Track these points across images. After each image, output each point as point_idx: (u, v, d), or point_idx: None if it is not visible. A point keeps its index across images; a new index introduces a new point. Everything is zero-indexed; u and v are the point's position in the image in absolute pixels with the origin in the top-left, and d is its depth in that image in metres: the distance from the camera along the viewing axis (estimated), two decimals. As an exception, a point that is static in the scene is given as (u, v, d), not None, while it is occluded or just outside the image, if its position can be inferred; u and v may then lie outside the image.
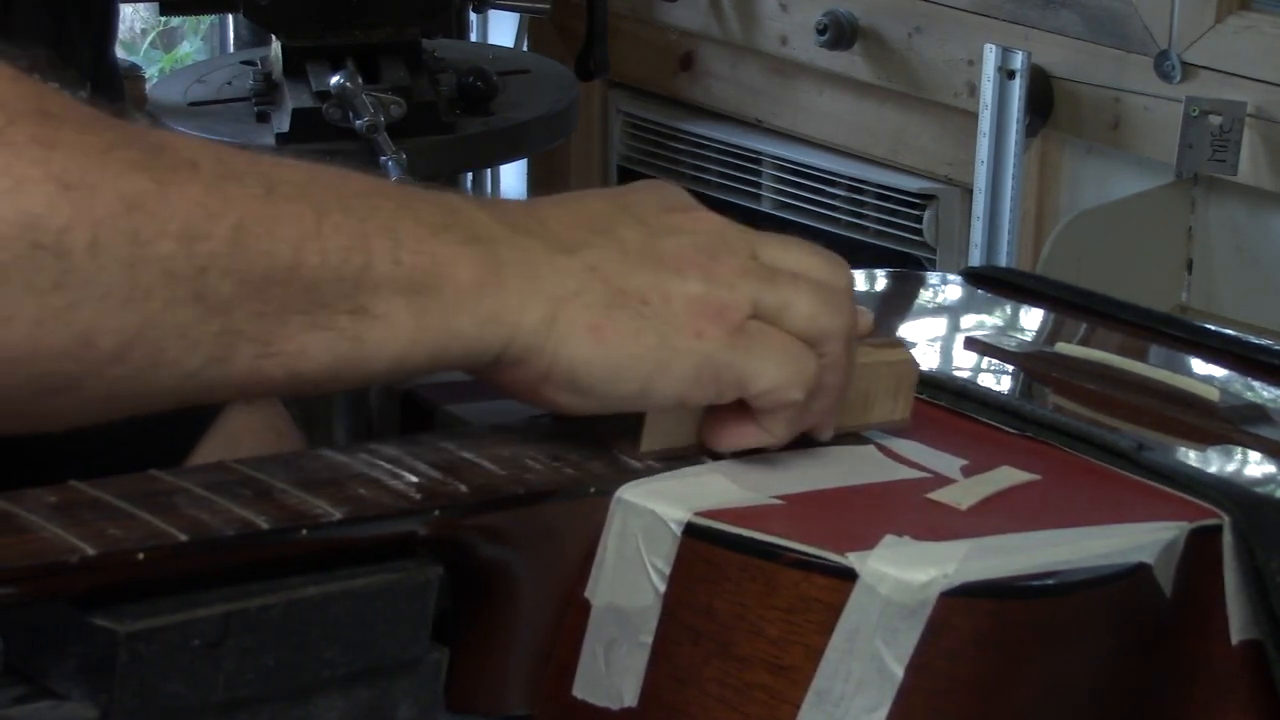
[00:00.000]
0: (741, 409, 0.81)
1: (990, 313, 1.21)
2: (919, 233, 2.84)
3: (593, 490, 0.80)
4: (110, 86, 1.12)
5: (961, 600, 0.76)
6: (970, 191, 2.63)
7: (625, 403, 0.79)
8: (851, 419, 0.87)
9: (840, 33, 2.82)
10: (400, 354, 0.75)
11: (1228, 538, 0.85)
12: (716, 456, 0.83)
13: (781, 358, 0.80)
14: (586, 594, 0.80)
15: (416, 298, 0.75)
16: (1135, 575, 0.81)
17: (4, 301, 0.67)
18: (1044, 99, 2.63)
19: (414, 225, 0.76)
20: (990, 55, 2.56)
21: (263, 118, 2.44)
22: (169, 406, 0.73)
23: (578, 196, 0.84)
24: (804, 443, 0.85)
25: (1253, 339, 1.14)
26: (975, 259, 2.59)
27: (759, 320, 0.80)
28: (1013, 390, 1.07)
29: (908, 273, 1.69)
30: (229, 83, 2.57)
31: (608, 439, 0.82)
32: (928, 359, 1.10)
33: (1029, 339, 1.17)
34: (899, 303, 1.26)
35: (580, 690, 0.80)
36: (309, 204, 0.73)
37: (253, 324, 0.72)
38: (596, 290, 0.78)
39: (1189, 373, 1.10)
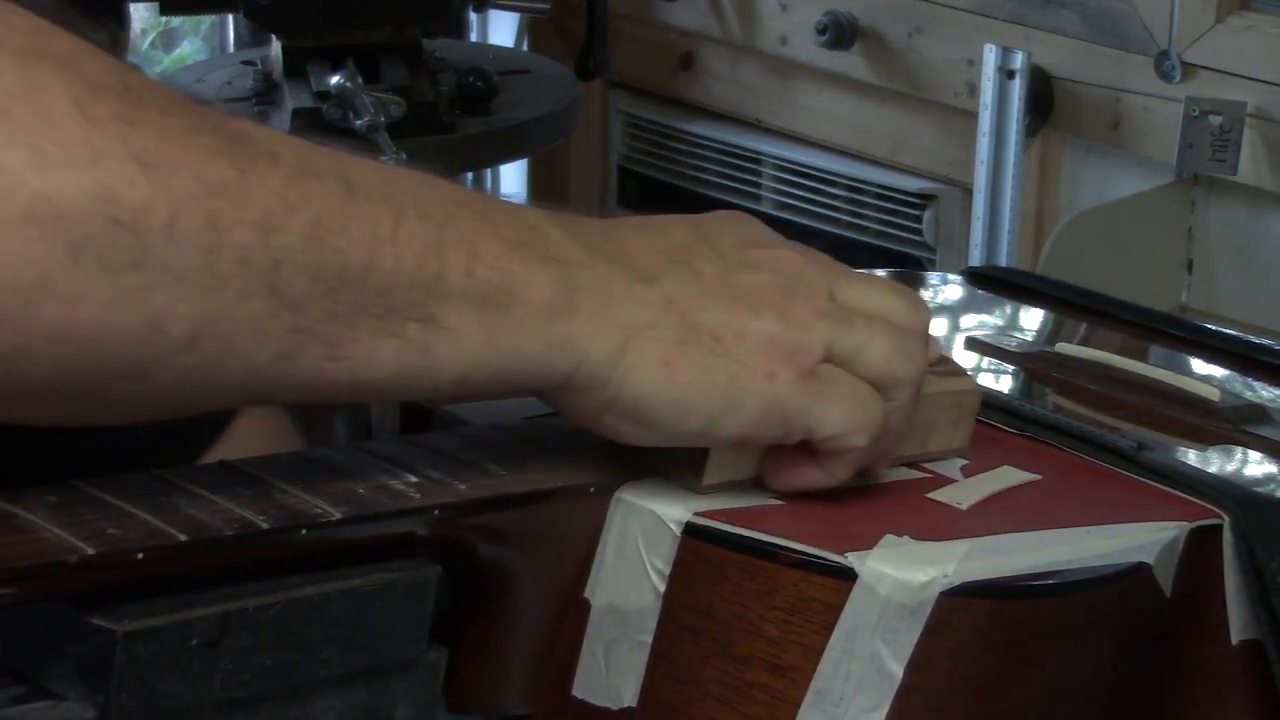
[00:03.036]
0: (803, 449, 0.80)
1: (990, 313, 1.21)
2: (919, 233, 2.84)
3: (593, 490, 0.80)
4: None
5: (961, 600, 0.76)
6: (970, 191, 2.63)
7: (689, 439, 0.78)
8: (910, 449, 0.86)
9: (840, 33, 2.82)
10: (466, 369, 0.74)
11: (1228, 538, 0.85)
12: (775, 494, 0.82)
13: (851, 405, 0.79)
14: (586, 594, 0.80)
15: (487, 313, 0.73)
16: (1135, 575, 0.81)
17: (77, 278, 0.66)
18: (1044, 99, 2.63)
19: (490, 239, 0.74)
20: (990, 55, 2.56)
21: (263, 118, 2.44)
22: (232, 403, 0.72)
23: (659, 223, 0.83)
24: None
25: (1253, 339, 1.14)
26: (975, 259, 2.59)
27: (831, 364, 0.79)
28: (1013, 390, 1.07)
29: (908, 273, 1.69)
30: (229, 83, 2.57)
31: (669, 469, 0.81)
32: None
33: (1029, 339, 1.17)
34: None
35: (580, 690, 0.80)
36: (387, 206, 0.72)
37: (323, 324, 0.70)
38: (671, 324, 0.77)
39: (1189, 373, 1.10)
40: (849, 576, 0.76)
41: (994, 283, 1.23)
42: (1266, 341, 1.13)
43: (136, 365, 0.68)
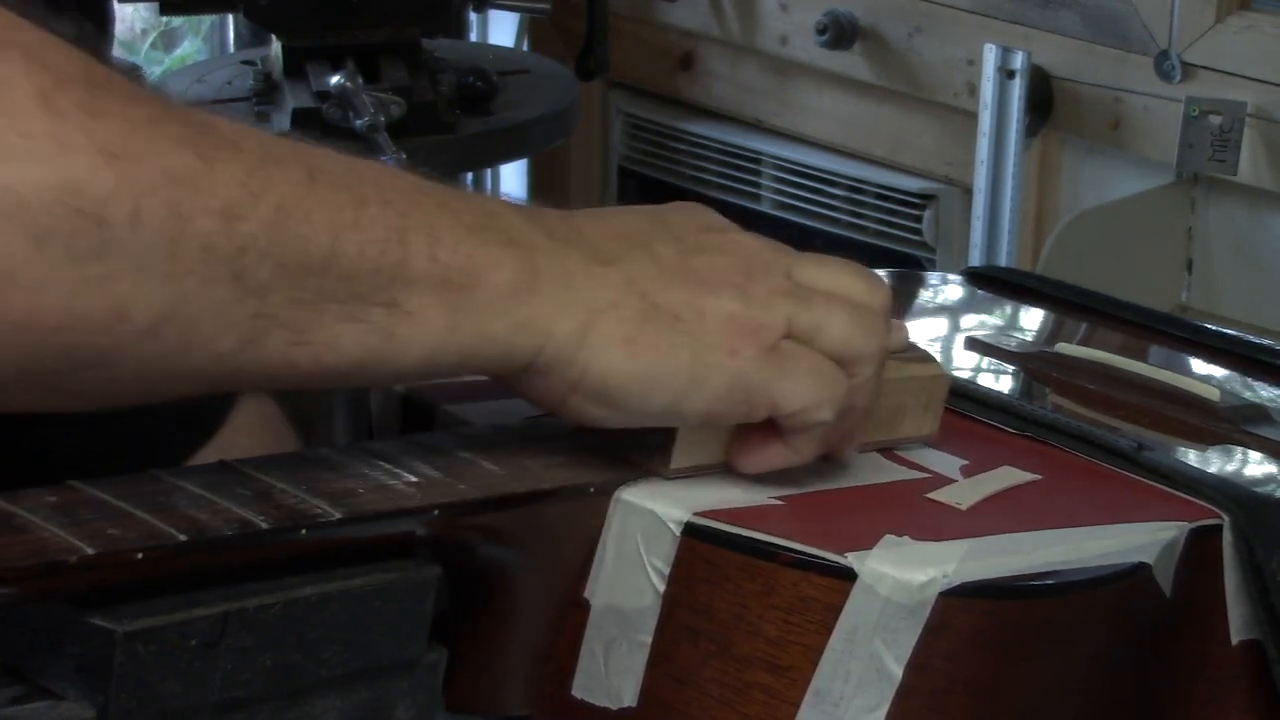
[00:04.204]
0: (769, 429, 0.80)
1: (990, 313, 1.21)
2: (919, 233, 2.84)
3: (592, 490, 0.80)
4: None
5: (961, 600, 0.76)
6: (970, 191, 2.63)
7: (654, 418, 0.78)
8: (880, 434, 0.87)
9: (840, 33, 2.82)
10: (430, 352, 0.75)
11: (1228, 538, 0.85)
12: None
13: (814, 379, 0.80)
14: (586, 594, 0.80)
15: (450, 296, 0.74)
16: (1135, 575, 0.81)
17: (41, 267, 0.66)
18: (1044, 99, 2.63)
19: (452, 224, 0.75)
20: (990, 55, 2.55)
21: (263, 118, 2.44)
22: (198, 390, 0.72)
23: (615, 211, 0.84)
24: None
25: (1253, 339, 1.14)
26: (975, 259, 2.59)
27: (793, 340, 0.80)
28: (1013, 390, 1.07)
29: (908, 273, 1.69)
30: (229, 83, 2.57)
31: (635, 455, 0.81)
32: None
33: (1029, 339, 1.17)
34: (899, 303, 1.26)
35: (579, 690, 0.80)
36: (349, 194, 0.73)
37: (288, 310, 0.71)
38: (632, 304, 0.77)
39: (1189, 373, 1.10)
40: (849, 576, 0.76)
41: (994, 283, 1.23)
42: (1266, 341, 1.13)
43: (101, 353, 0.69)
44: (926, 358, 0.89)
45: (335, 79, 2.32)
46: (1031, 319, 1.20)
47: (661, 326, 0.77)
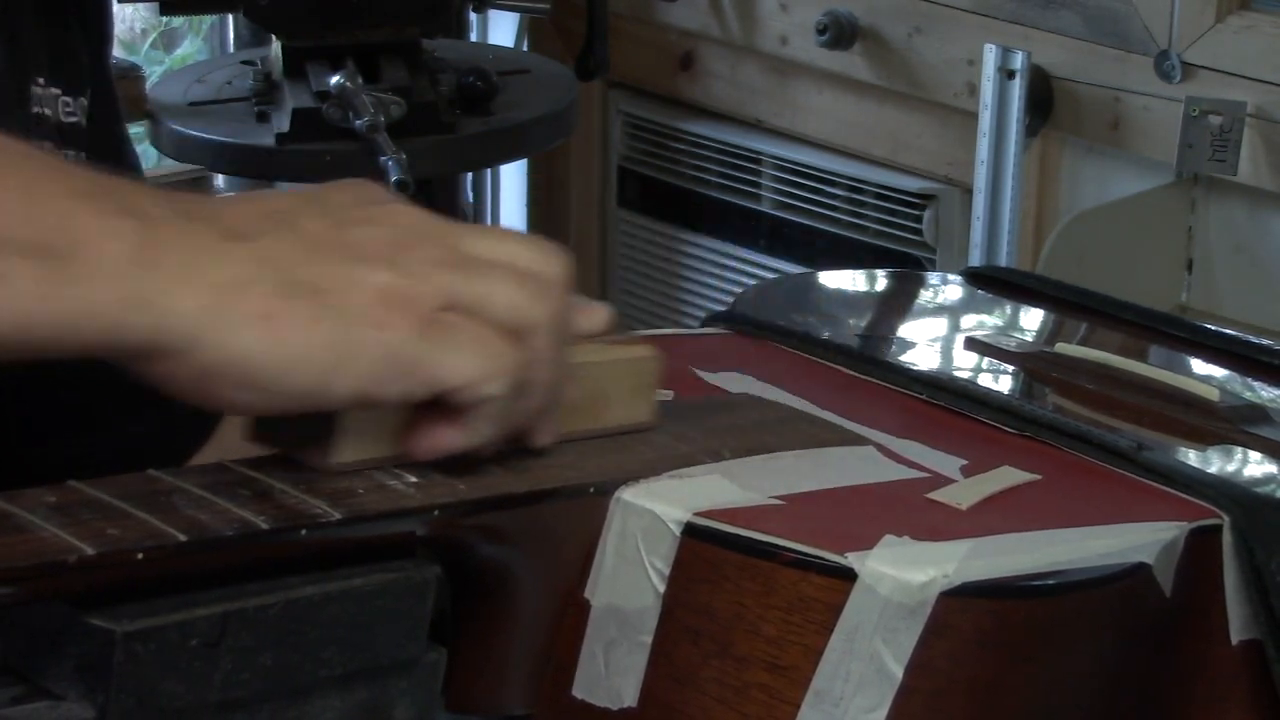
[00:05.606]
0: (441, 410, 0.76)
1: (990, 313, 1.21)
2: (919, 233, 2.84)
3: (592, 490, 0.80)
4: (108, 92, 1.12)
5: (961, 600, 0.76)
6: (970, 191, 2.63)
7: (303, 399, 0.73)
8: (584, 422, 0.83)
9: (840, 33, 2.82)
10: (19, 320, 0.69)
11: (1228, 538, 0.85)
12: (389, 470, 0.77)
13: (477, 349, 0.75)
14: (586, 594, 0.80)
15: (45, 262, 0.69)
16: (1135, 575, 0.81)
17: None
18: (1044, 99, 2.63)
19: (56, 188, 0.70)
20: (990, 55, 2.55)
21: (263, 118, 2.44)
22: None
23: (263, 193, 0.79)
24: (522, 449, 0.80)
25: (1253, 339, 1.14)
26: (975, 259, 2.59)
27: (456, 312, 0.75)
28: (1013, 390, 1.07)
29: (908, 273, 1.69)
30: (229, 83, 2.57)
31: (302, 451, 0.76)
32: (928, 359, 1.10)
33: (1029, 339, 1.17)
34: (899, 303, 1.26)
35: (579, 690, 0.80)
36: None
37: None
38: (268, 279, 0.72)
39: (1189, 373, 1.10)
40: (849, 576, 0.76)
41: (994, 283, 1.23)
42: (1266, 341, 1.13)
43: None
44: (634, 341, 0.86)
45: (335, 79, 2.32)
46: (1031, 319, 1.20)
47: (303, 302, 0.72)
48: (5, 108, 0.99)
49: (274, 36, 2.47)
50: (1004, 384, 1.07)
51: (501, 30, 3.19)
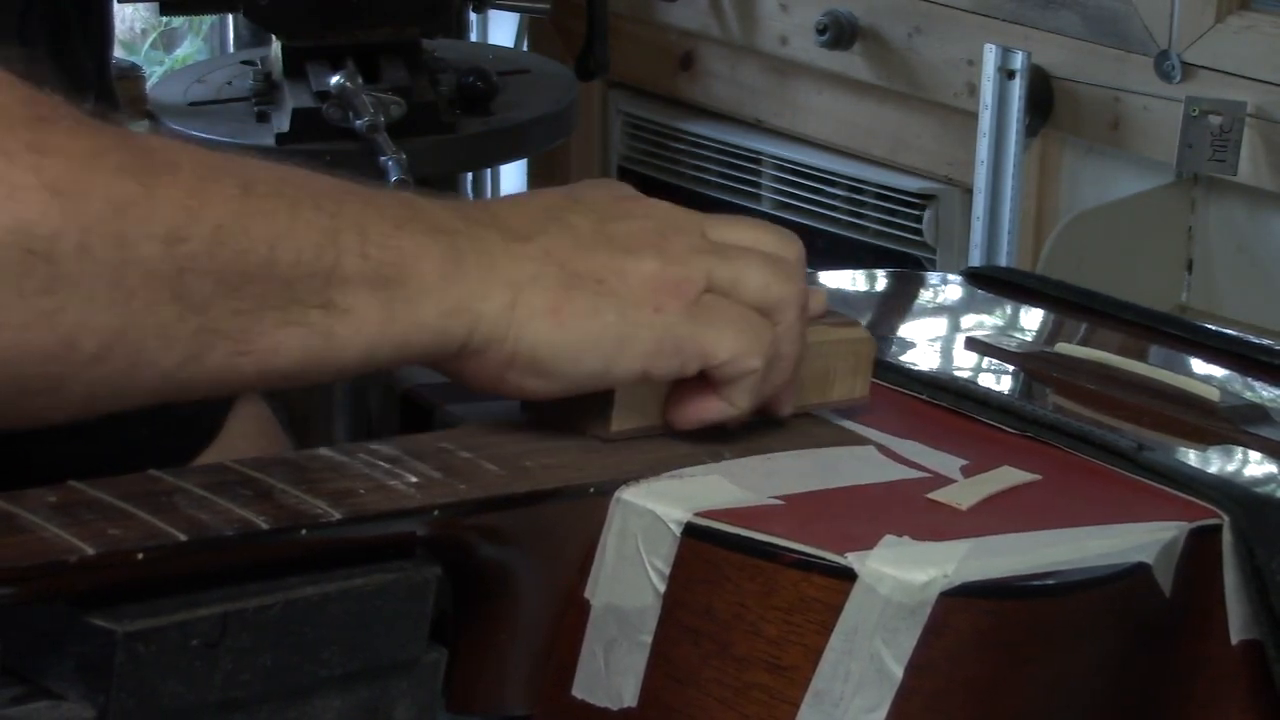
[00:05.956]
0: (703, 384, 0.83)
1: (990, 313, 1.21)
2: (919, 233, 2.84)
3: (592, 490, 0.80)
4: (110, 95, 1.12)
5: (961, 600, 0.76)
6: (970, 191, 2.63)
7: (590, 381, 0.80)
8: (813, 396, 0.89)
9: (840, 33, 2.82)
10: (368, 346, 0.76)
11: (1227, 538, 0.85)
12: (682, 433, 0.84)
13: (739, 326, 0.82)
14: (586, 594, 0.80)
15: (383, 291, 0.76)
16: (1135, 575, 0.81)
17: None
18: (1044, 99, 2.63)
19: (379, 220, 0.77)
20: (990, 55, 2.55)
21: (263, 118, 2.44)
22: (144, 404, 0.73)
23: (530, 193, 0.87)
24: (766, 421, 0.86)
25: (1253, 339, 1.14)
26: (975, 259, 2.58)
27: (714, 294, 0.82)
28: (1013, 390, 1.07)
29: (908, 273, 1.69)
30: (229, 83, 2.57)
31: (579, 423, 0.83)
32: (928, 359, 1.10)
33: (1029, 339, 1.17)
34: (899, 303, 1.26)
35: (580, 690, 0.80)
36: (283, 201, 0.74)
37: (229, 321, 0.73)
38: (552, 274, 0.79)
39: (1189, 373, 1.10)
40: (849, 576, 0.76)
41: (994, 283, 1.23)
42: (1266, 341, 1.13)
43: (50, 381, 0.70)
44: (852, 323, 0.93)
45: (335, 79, 2.32)
46: (1031, 319, 1.20)
47: (585, 292, 0.79)
48: None
49: (274, 36, 2.47)
50: (1004, 384, 1.07)
51: (501, 30, 3.19)
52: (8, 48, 0.71)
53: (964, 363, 1.08)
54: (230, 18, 3.25)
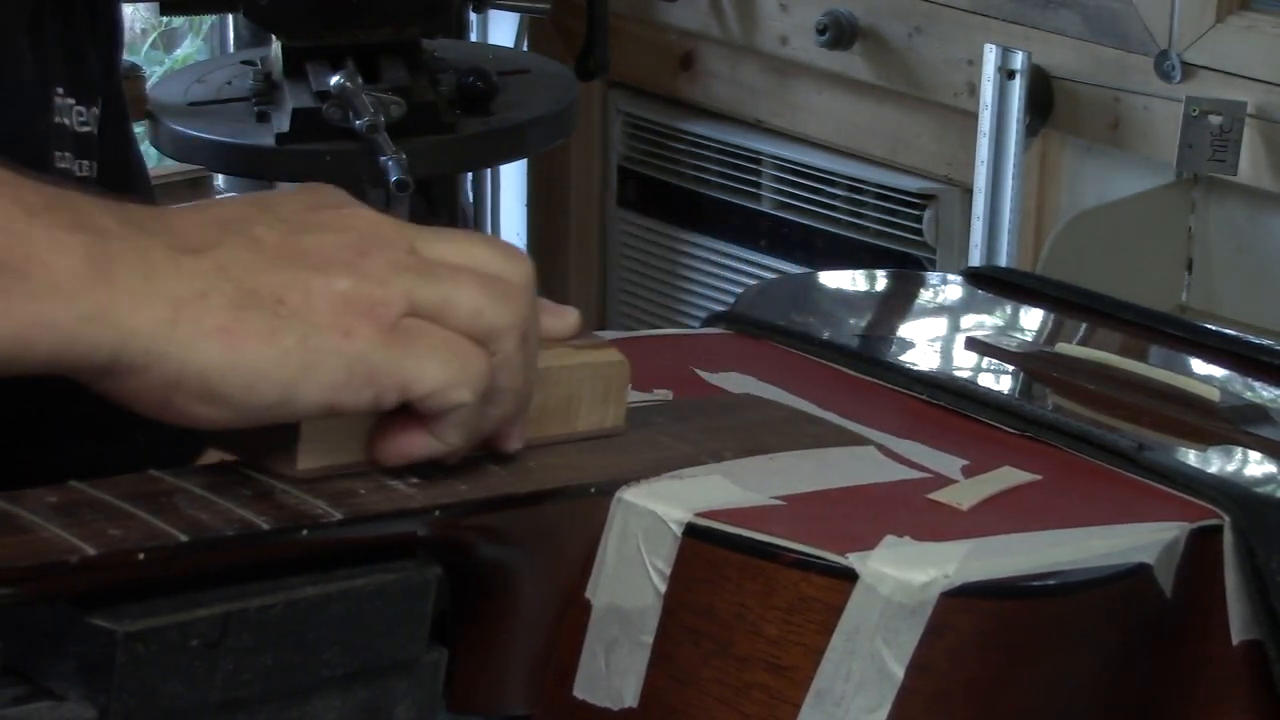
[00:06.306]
0: (410, 417, 0.74)
1: (990, 313, 1.21)
2: (919, 233, 2.84)
3: (593, 490, 0.80)
4: (119, 97, 1.12)
5: (962, 600, 0.76)
6: (970, 191, 2.63)
7: (269, 413, 0.72)
8: (555, 427, 0.82)
9: (840, 33, 2.82)
10: None
11: (1228, 538, 0.85)
12: (388, 471, 0.76)
13: (445, 355, 0.73)
14: (587, 594, 0.80)
15: None
16: (1135, 575, 0.81)
17: None
18: (1044, 99, 2.63)
19: (11, 205, 0.69)
20: (990, 55, 2.55)
21: (263, 118, 2.44)
22: None
23: (214, 201, 0.79)
24: (494, 455, 0.79)
25: (1253, 339, 1.14)
26: (975, 259, 2.59)
27: (417, 318, 0.73)
28: (1013, 390, 1.07)
29: (908, 273, 1.69)
30: (229, 83, 2.57)
31: (263, 460, 0.75)
32: (928, 359, 1.10)
33: (1029, 339, 1.17)
34: (900, 303, 1.26)
35: (580, 690, 0.80)
36: None
37: None
38: (225, 290, 0.71)
39: (1189, 373, 1.10)
40: (850, 577, 0.76)
41: (994, 283, 1.23)
42: (1266, 341, 1.13)
43: None
44: (603, 345, 0.85)
45: (335, 79, 2.32)
46: (1031, 319, 1.20)
47: (262, 312, 0.71)
48: (31, 118, 1.00)
49: (274, 36, 2.47)
50: (1004, 384, 1.07)
51: (501, 30, 3.19)
52: (19, 49, 0.69)
53: (964, 363, 1.08)
54: (230, 18, 3.26)
